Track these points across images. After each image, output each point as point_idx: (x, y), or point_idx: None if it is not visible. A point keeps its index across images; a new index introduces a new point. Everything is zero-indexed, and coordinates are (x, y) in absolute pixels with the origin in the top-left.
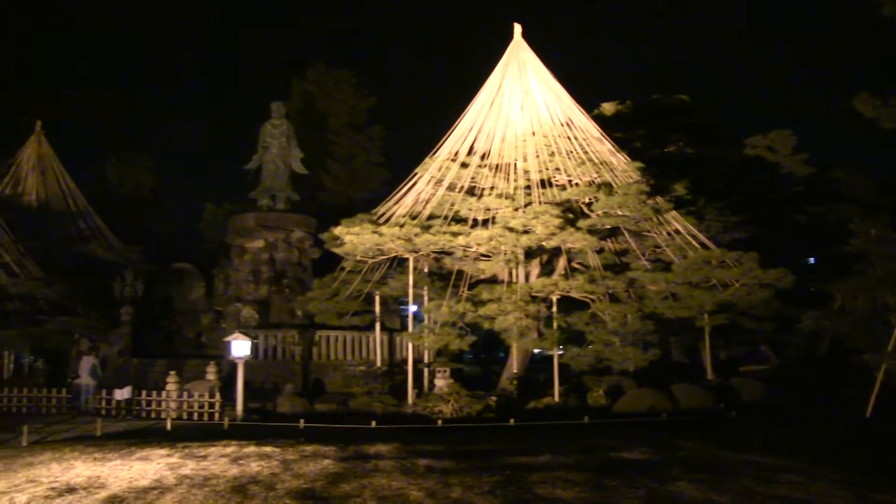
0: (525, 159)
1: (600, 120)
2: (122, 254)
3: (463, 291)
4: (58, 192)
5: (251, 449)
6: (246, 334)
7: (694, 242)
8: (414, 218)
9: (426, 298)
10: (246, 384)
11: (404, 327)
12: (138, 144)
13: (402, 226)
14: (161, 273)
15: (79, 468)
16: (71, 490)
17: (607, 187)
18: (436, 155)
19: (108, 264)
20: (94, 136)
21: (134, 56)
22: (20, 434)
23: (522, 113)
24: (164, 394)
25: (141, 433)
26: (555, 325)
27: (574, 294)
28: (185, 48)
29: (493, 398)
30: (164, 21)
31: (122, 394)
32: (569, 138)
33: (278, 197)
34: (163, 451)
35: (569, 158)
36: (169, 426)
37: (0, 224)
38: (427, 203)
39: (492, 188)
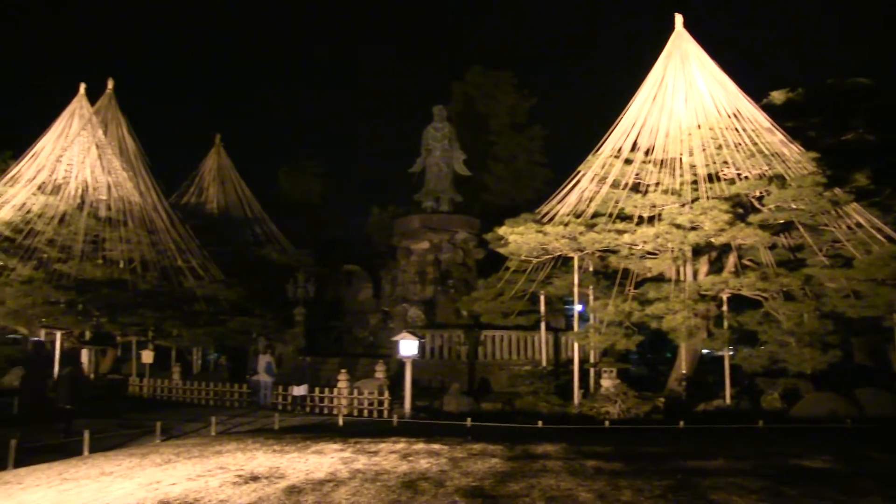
0: (691, 153)
1: (770, 109)
2: (295, 257)
3: (629, 290)
4: (235, 199)
5: (420, 446)
6: (413, 334)
7: (878, 236)
8: (578, 216)
9: (591, 297)
10: (413, 382)
11: (569, 327)
12: (307, 152)
13: (566, 224)
14: (331, 275)
15: (260, 458)
16: (255, 478)
17: (779, 180)
18: (599, 152)
19: (281, 267)
20: (266, 145)
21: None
22: (209, 424)
23: (686, 106)
24: (335, 391)
25: (314, 428)
26: (725, 324)
27: (745, 292)
28: (348, 56)
29: (661, 399)
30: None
31: (299, 390)
32: (736, 130)
33: (442, 199)
34: (336, 446)
35: (737, 151)
36: (341, 422)
37: (187, 230)
38: (591, 201)
39: (657, 184)
